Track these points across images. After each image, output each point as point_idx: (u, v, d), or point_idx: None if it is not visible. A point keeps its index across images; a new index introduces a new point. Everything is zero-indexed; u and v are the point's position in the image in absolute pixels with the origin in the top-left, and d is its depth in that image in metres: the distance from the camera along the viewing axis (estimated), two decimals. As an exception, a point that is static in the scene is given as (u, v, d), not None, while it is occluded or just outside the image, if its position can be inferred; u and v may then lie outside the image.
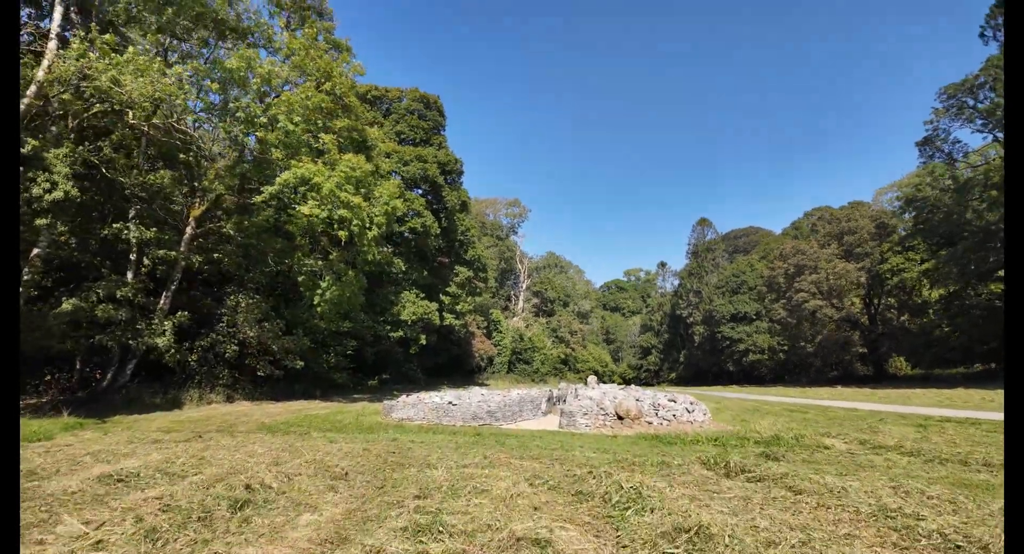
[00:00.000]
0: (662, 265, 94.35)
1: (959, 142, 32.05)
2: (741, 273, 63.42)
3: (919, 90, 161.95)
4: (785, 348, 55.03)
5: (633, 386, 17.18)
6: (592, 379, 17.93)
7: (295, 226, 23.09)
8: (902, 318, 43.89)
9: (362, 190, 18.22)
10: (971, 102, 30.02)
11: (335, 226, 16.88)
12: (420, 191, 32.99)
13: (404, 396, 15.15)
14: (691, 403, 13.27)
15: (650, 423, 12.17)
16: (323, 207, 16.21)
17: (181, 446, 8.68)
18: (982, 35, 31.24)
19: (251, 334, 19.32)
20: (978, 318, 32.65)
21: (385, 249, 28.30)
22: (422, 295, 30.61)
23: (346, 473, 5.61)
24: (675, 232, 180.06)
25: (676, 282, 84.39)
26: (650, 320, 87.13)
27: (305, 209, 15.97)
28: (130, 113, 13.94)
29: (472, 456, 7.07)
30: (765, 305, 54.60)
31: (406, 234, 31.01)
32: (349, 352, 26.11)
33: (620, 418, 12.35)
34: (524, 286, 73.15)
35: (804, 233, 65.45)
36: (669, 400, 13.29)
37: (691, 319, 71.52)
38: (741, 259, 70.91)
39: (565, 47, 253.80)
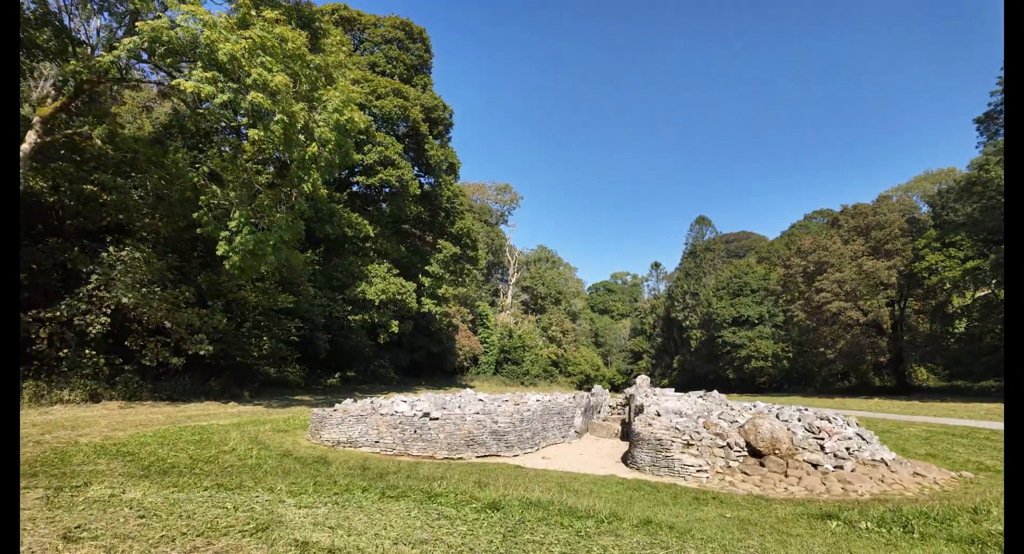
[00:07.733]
0: (656, 265, 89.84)
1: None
2: (743, 274, 59.02)
3: (913, 95, 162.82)
4: (790, 355, 50.70)
5: (715, 392, 11.33)
6: (643, 379, 12.10)
7: (232, 172, 16.11)
8: (934, 324, 39.41)
9: (304, 86, 11.89)
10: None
11: (246, 120, 10.46)
12: (404, 149, 26.58)
13: (348, 401, 8.93)
14: (859, 427, 7.43)
15: (815, 466, 6.26)
16: (221, 84, 9.77)
17: None
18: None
19: (127, 301, 12.73)
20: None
21: (345, 211, 21.79)
22: (395, 272, 24.19)
23: None
24: (664, 237, 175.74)
25: (669, 285, 79.78)
26: (641, 323, 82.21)
27: (188, 85, 9.57)
28: None
29: None
30: (780, 307, 50.07)
31: (376, 191, 24.44)
32: (293, 337, 19.53)
33: (757, 455, 6.41)
34: (513, 280, 66.99)
35: (813, 233, 61.41)
36: (820, 419, 7.40)
37: (687, 322, 67.01)
38: (740, 261, 66.67)
39: (562, 40, 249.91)
